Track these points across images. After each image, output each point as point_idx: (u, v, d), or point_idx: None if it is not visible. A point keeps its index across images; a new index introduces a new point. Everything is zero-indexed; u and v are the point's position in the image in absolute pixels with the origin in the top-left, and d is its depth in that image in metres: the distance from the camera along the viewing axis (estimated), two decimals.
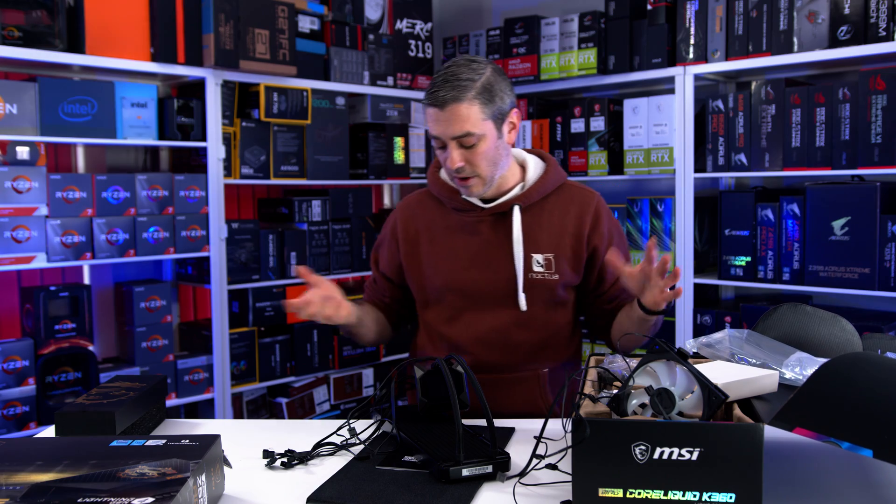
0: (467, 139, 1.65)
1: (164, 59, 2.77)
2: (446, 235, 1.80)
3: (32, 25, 2.52)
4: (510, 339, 1.77)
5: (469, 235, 1.78)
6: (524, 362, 1.79)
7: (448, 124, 1.64)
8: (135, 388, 1.54)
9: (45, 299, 2.63)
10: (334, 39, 3.32)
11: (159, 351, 2.90)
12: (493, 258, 1.76)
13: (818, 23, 2.65)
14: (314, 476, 1.33)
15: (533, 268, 1.74)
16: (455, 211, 1.80)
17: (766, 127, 2.78)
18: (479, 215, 1.77)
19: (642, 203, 3.12)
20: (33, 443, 1.20)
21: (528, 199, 1.77)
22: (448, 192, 1.80)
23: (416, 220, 1.85)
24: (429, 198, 1.87)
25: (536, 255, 1.75)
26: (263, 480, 1.32)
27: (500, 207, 1.76)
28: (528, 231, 1.76)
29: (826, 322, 1.51)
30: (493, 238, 1.76)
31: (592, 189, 1.87)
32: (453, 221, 1.80)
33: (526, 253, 1.75)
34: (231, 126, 3.01)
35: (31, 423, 2.58)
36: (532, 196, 1.77)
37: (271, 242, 3.14)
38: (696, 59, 2.94)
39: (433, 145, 1.72)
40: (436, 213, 1.84)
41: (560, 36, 3.30)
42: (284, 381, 3.25)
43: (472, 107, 1.63)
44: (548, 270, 1.75)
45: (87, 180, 2.67)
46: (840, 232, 2.62)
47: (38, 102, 2.53)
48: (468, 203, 1.77)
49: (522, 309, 1.74)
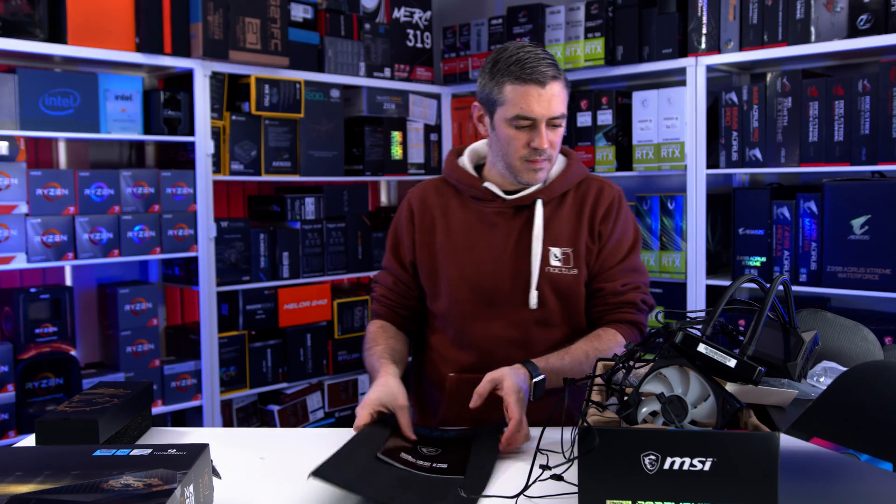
0: (560, 120, 1.68)
1: (150, 49, 2.76)
2: (464, 226, 1.78)
3: (12, 14, 2.50)
4: (529, 337, 1.74)
5: (487, 227, 1.76)
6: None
7: (549, 103, 1.65)
8: (119, 394, 1.53)
9: (24, 301, 2.60)
10: (328, 29, 3.30)
11: (145, 356, 2.88)
12: (511, 250, 1.74)
13: (837, 11, 2.63)
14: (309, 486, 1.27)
15: (550, 262, 1.73)
16: (474, 200, 1.79)
17: (781, 121, 2.76)
18: (501, 206, 1.76)
19: (652, 200, 3.10)
20: (12, 452, 1.21)
21: (551, 192, 1.76)
22: (469, 180, 1.79)
23: (432, 208, 1.83)
24: (444, 185, 1.85)
25: (554, 248, 1.74)
26: (254, 491, 1.31)
27: (523, 200, 1.75)
28: (547, 223, 1.75)
29: (847, 330, 1.51)
30: (511, 231, 1.75)
31: (615, 184, 1.85)
32: (471, 211, 1.79)
33: (544, 246, 1.74)
34: (220, 120, 2.99)
35: (10, 431, 2.56)
36: (555, 189, 1.76)
37: (262, 242, 3.12)
38: (709, 49, 2.92)
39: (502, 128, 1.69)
40: (453, 202, 1.82)
41: (565, 25, 3.28)
42: (276, 388, 3.24)
43: (564, 89, 1.69)
44: (566, 265, 1.74)
45: (69, 177, 2.65)
46: (860, 231, 2.58)
47: (17, 95, 2.52)
48: (489, 192, 1.76)
49: (533, 307, 1.72)
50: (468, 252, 1.76)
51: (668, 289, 3.05)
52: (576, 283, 1.74)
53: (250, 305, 3.10)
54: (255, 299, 3.11)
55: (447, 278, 1.77)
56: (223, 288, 2.99)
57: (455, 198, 1.82)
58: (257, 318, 3.12)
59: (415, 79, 3.60)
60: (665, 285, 3.06)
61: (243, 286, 3.06)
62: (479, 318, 1.75)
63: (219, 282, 2.97)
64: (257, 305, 3.11)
